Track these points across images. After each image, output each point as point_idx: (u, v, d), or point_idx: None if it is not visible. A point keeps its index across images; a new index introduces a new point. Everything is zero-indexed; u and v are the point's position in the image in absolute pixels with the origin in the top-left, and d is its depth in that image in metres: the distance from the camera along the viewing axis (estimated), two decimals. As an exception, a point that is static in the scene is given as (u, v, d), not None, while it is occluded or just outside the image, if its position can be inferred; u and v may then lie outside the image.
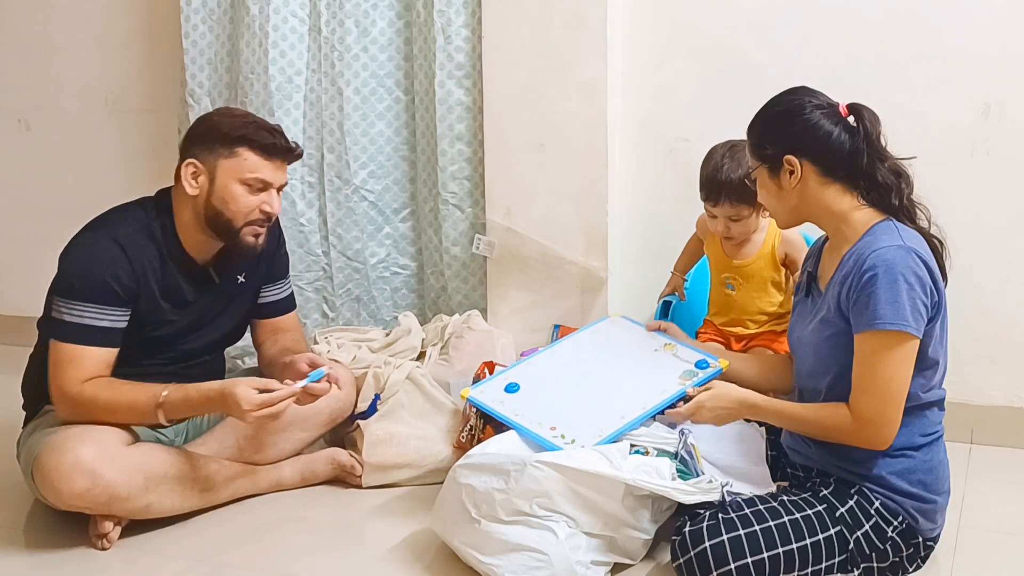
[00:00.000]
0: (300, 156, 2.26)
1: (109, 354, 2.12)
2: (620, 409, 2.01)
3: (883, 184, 1.83)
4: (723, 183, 2.19)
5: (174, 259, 2.20)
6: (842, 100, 1.86)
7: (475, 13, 2.86)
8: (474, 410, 2.35)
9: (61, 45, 3.60)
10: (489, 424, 2.30)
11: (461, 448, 2.35)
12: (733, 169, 2.18)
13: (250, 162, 2.14)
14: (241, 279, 2.34)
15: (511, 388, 2.14)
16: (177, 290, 2.21)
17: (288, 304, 2.50)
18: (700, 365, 2.10)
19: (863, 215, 1.83)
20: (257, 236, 2.20)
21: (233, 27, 3.11)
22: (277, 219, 2.39)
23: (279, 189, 2.22)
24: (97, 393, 2.07)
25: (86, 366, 2.08)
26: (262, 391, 2.04)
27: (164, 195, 2.25)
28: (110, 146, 3.61)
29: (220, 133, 2.15)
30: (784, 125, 1.84)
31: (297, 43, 3.04)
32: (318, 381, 2.14)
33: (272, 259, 2.42)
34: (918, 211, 1.85)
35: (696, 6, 2.76)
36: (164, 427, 2.18)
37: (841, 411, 1.78)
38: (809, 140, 1.82)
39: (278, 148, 2.17)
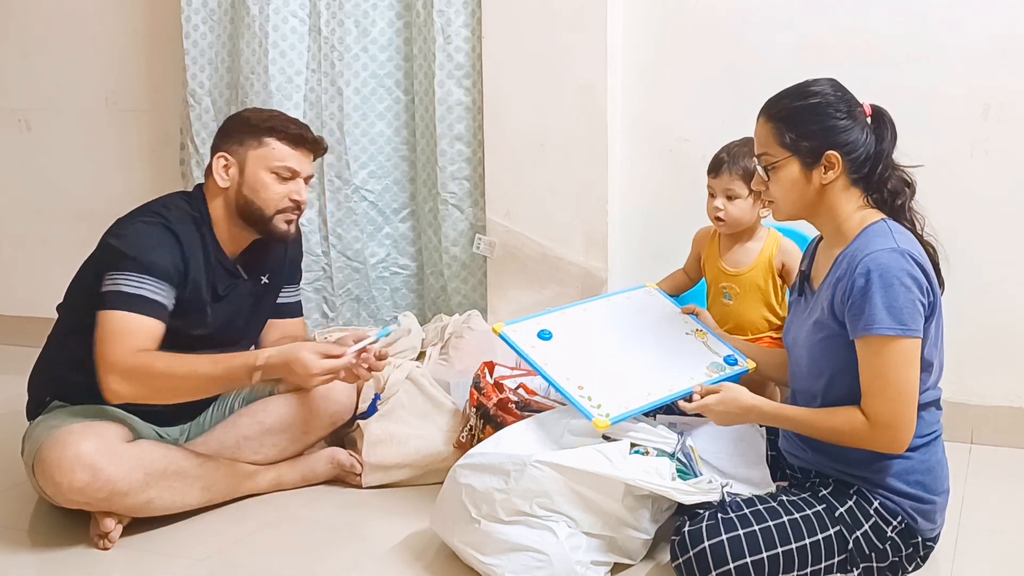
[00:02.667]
0: (326, 150, 2.34)
1: (158, 328, 2.11)
2: (648, 386, 2.00)
3: (891, 191, 1.84)
4: (728, 157, 2.27)
5: (214, 250, 2.23)
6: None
7: (475, 13, 2.86)
8: (474, 410, 2.35)
9: (61, 45, 3.60)
10: (489, 424, 2.30)
11: (461, 448, 2.35)
12: (743, 153, 2.24)
13: (278, 151, 2.22)
14: (265, 280, 2.36)
15: (544, 335, 2.10)
16: (214, 282, 2.23)
17: (298, 308, 2.53)
18: (729, 360, 2.09)
19: (862, 215, 1.83)
20: (289, 223, 2.27)
21: (234, 27, 3.11)
22: (299, 227, 2.44)
23: (306, 180, 2.29)
24: (154, 361, 2.06)
25: (138, 337, 2.07)
26: (325, 356, 2.08)
27: (199, 190, 2.29)
28: (110, 146, 3.62)
29: (249, 126, 2.23)
30: (825, 119, 1.80)
31: (297, 43, 3.04)
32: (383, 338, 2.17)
33: (296, 264, 2.48)
34: (915, 219, 1.85)
35: (696, 6, 2.76)
36: (164, 425, 2.21)
37: (856, 417, 1.75)
38: (848, 138, 1.80)
39: (305, 139, 2.25)
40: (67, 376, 2.18)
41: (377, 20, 3.00)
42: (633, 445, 1.94)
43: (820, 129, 1.80)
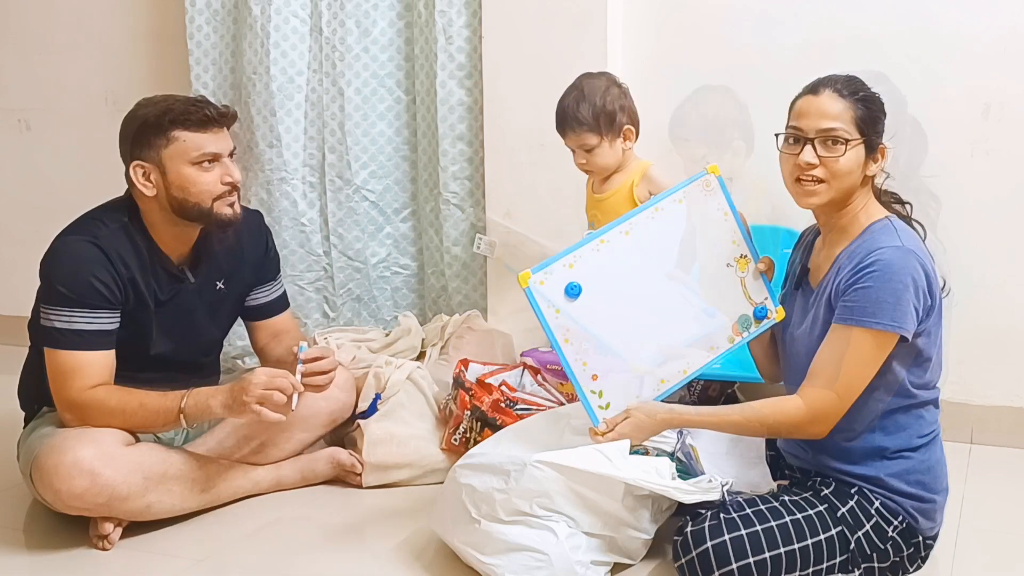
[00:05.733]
0: (235, 118, 2.21)
1: (107, 357, 2.11)
2: (663, 371, 1.92)
3: (896, 198, 1.90)
4: (567, 115, 2.31)
5: (151, 256, 2.18)
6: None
7: (476, 13, 2.86)
8: (468, 412, 2.34)
9: (61, 45, 3.59)
10: (487, 427, 2.29)
11: (452, 450, 2.35)
12: (579, 99, 2.30)
13: (191, 141, 2.11)
14: (221, 285, 2.32)
15: (572, 290, 1.86)
16: (155, 288, 2.19)
17: (281, 304, 2.50)
18: (758, 314, 1.98)
19: (868, 212, 1.84)
20: (231, 205, 2.19)
21: (236, 27, 3.11)
22: (265, 225, 2.43)
23: (231, 155, 2.19)
24: (108, 397, 2.07)
25: (88, 372, 2.07)
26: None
27: (129, 195, 2.23)
28: (110, 146, 3.57)
29: (149, 125, 2.12)
30: (883, 113, 1.84)
31: (298, 43, 3.04)
32: (304, 355, 2.16)
33: (260, 265, 2.41)
34: (919, 227, 1.88)
35: (696, 7, 2.76)
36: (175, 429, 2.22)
37: (790, 405, 1.78)
38: (883, 135, 1.84)
39: (209, 118, 2.13)
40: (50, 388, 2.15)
41: (378, 20, 3.00)
42: (634, 445, 1.94)
43: (882, 121, 1.83)
